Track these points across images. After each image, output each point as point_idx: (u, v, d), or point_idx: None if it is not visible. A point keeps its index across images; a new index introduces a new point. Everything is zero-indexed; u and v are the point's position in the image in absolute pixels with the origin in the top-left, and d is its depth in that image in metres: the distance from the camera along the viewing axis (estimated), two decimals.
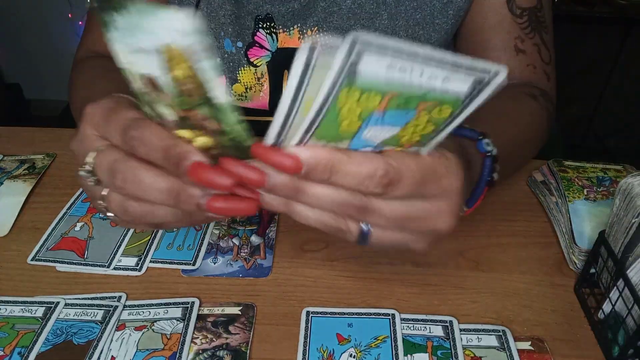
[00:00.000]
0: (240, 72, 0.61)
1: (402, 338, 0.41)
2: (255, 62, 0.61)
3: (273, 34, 0.59)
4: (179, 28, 0.24)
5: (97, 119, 0.34)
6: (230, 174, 0.28)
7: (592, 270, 0.44)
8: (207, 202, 0.30)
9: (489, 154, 0.41)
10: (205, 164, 0.29)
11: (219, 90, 0.26)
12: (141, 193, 0.32)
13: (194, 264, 0.47)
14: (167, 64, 0.27)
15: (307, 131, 0.26)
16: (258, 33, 0.59)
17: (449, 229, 0.34)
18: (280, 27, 0.59)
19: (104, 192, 0.34)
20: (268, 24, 0.59)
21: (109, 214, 0.35)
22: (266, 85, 0.62)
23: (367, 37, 0.21)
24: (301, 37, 0.59)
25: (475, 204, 0.41)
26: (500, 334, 0.41)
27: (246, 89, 0.62)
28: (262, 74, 0.61)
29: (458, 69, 0.24)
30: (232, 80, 0.61)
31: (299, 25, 0.59)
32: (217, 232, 0.51)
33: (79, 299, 0.43)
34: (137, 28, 0.26)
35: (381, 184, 0.29)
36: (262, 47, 0.60)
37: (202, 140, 0.30)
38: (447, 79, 0.24)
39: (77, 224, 0.51)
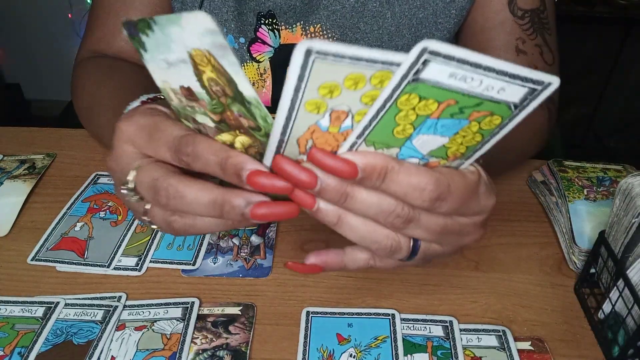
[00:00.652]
0: (243, 67, 0.61)
1: (402, 338, 0.41)
2: (257, 58, 0.61)
3: (275, 30, 0.59)
4: (200, 30, 0.24)
5: (136, 136, 0.33)
6: (284, 174, 0.28)
7: (592, 270, 0.44)
8: (250, 210, 0.30)
9: None
10: (262, 170, 0.29)
11: (245, 84, 0.26)
12: (185, 208, 0.32)
13: (194, 264, 0.47)
14: (197, 69, 0.27)
15: (360, 135, 0.27)
16: (260, 29, 0.59)
17: (478, 241, 0.35)
18: (283, 23, 0.59)
19: (147, 207, 0.34)
20: (270, 20, 0.59)
21: (153, 226, 0.35)
22: (269, 81, 0.62)
23: (435, 46, 0.22)
24: (304, 34, 0.59)
25: None
26: (500, 334, 0.41)
27: None
28: (264, 69, 0.62)
29: (515, 79, 0.24)
30: None
31: (301, 22, 0.59)
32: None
33: (79, 299, 0.43)
34: (164, 43, 0.27)
35: (430, 198, 0.29)
36: (264, 43, 0.60)
37: (241, 139, 0.30)
38: (502, 89, 0.24)
39: (77, 224, 0.51)
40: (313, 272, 0.35)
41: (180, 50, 0.26)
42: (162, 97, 0.37)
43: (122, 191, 0.34)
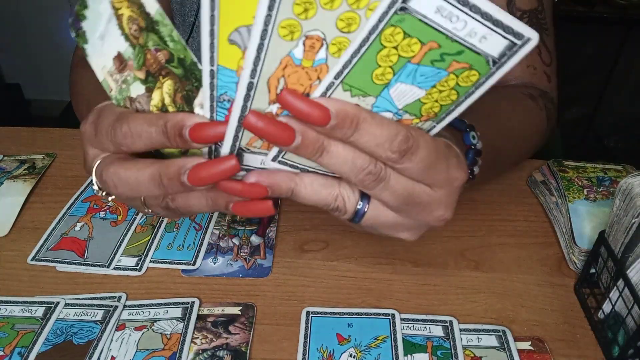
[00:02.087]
0: None
1: (402, 338, 0.41)
2: None
3: None
4: None
5: (89, 135, 0.33)
6: (258, 132, 0.27)
7: (592, 270, 0.44)
8: (188, 176, 0.29)
9: (473, 147, 0.41)
10: (203, 123, 0.28)
11: (150, 1, 0.27)
12: (135, 192, 0.32)
13: (194, 264, 0.47)
14: (118, 16, 0.28)
15: (338, 74, 0.26)
16: None
17: (443, 221, 0.34)
18: None
19: (143, 199, 0.35)
20: None
21: (155, 215, 0.36)
22: None
23: None
24: None
25: None
26: (500, 334, 0.41)
27: None
28: None
29: (497, 27, 0.24)
30: None
31: None
32: (217, 232, 0.51)
33: (79, 299, 0.43)
34: (95, 10, 0.28)
35: (400, 149, 0.28)
36: None
37: (166, 86, 0.30)
38: (484, 37, 0.24)
39: (77, 224, 0.51)
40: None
41: (105, 5, 0.27)
42: None
43: (95, 193, 0.35)
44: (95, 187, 0.34)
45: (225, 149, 0.30)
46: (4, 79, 2.18)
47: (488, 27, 0.24)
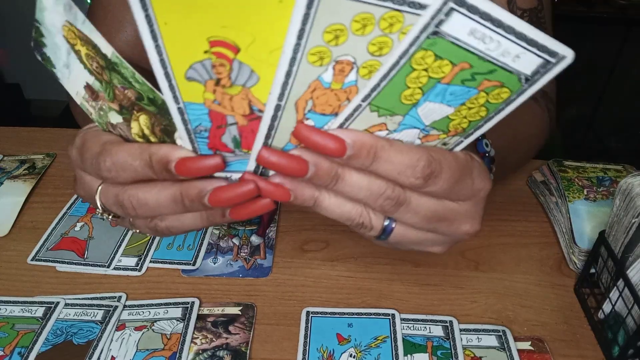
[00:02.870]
0: None
1: (402, 338, 0.41)
2: None
3: None
4: (53, 8, 0.24)
5: (77, 162, 0.33)
6: (272, 167, 0.27)
7: (592, 270, 0.44)
8: (209, 198, 0.29)
9: (487, 154, 0.41)
10: (188, 157, 0.28)
11: (101, 41, 0.25)
12: (154, 212, 0.31)
13: (194, 264, 0.47)
14: (75, 50, 0.27)
15: (366, 97, 0.25)
16: None
17: (472, 234, 0.33)
18: None
19: (131, 219, 0.34)
20: None
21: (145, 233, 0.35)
22: None
23: None
24: None
25: None
26: (500, 334, 0.41)
27: None
28: None
29: (531, 46, 0.23)
30: None
31: None
32: (217, 232, 0.51)
33: (79, 299, 0.43)
34: (52, 40, 0.27)
35: (423, 174, 0.28)
36: None
37: (142, 119, 0.29)
38: (518, 57, 0.23)
39: (77, 224, 0.51)
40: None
41: (60, 39, 0.26)
42: None
43: (100, 217, 0.34)
44: (100, 210, 0.34)
45: (250, 166, 0.30)
46: (4, 79, 2.18)
47: (522, 47, 0.23)
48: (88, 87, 0.30)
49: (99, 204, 0.33)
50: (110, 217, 0.35)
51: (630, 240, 0.39)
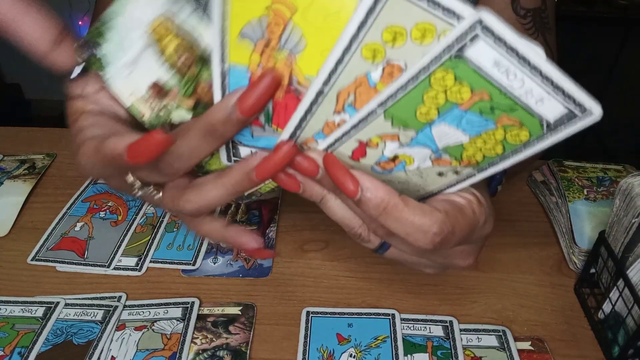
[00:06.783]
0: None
1: (402, 338, 0.41)
2: None
3: None
4: (147, 2, 0.24)
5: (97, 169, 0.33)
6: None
7: (592, 270, 0.44)
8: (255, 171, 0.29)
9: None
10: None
11: (208, 33, 0.26)
12: (212, 208, 0.31)
13: (194, 264, 0.47)
14: (158, 46, 0.27)
15: (382, 104, 0.25)
16: None
17: (465, 268, 0.34)
18: None
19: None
20: None
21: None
22: None
23: (490, 21, 0.20)
24: None
25: None
26: (500, 334, 0.41)
27: None
28: None
29: (557, 93, 0.22)
30: None
31: None
32: None
33: (79, 299, 0.43)
34: (122, 37, 0.26)
35: (434, 242, 0.28)
36: None
37: None
38: (541, 100, 0.23)
39: (77, 224, 0.51)
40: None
41: (140, 35, 0.26)
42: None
43: (138, 193, 0.33)
44: (137, 185, 0.33)
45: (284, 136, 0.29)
46: (4, 79, 2.18)
47: (547, 91, 0.22)
48: (155, 84, 0.30)
49: (131, 179, 0.32)
50: (148, 190, 0.33)
51: (630, 240, 0.39)
